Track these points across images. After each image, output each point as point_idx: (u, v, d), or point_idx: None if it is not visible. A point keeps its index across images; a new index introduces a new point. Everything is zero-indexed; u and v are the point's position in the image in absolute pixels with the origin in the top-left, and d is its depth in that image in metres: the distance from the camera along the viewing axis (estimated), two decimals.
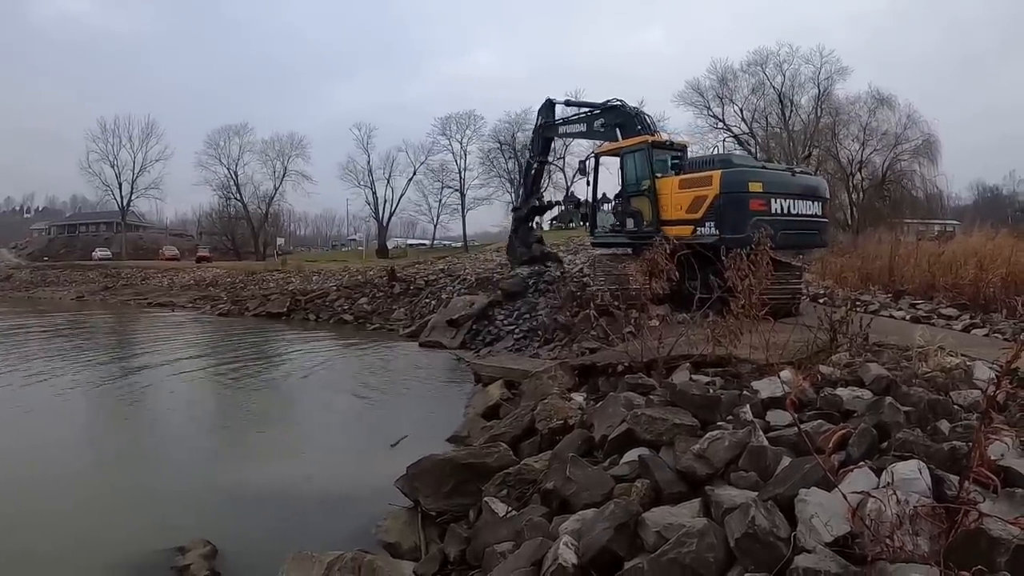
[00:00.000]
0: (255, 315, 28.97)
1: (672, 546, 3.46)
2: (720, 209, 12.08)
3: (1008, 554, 2.82)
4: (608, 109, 17.42)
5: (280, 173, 77.54)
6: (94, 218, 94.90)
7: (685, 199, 12.76)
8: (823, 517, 3.25)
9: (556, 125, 20.30)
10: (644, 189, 13.88)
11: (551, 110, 20.35)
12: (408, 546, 5.69)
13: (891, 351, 7.29)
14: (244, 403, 12.08)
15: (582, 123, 18.92)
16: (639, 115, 16.76)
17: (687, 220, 12.58)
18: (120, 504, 7.01)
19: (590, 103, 19.09)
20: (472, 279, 24.82)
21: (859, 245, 24.46)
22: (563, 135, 22.43)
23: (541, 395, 8.17)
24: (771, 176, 12.68)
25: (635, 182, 14.50)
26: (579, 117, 19.21)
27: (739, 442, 4.49)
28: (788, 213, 12.17)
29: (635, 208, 14.10)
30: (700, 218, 12.35)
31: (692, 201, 12.57)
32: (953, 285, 14.77)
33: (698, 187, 12.58)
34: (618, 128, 16.53)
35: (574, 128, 19.62)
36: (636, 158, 14.58)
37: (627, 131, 16.13)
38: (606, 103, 17.63)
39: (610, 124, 17.04)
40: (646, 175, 14.02)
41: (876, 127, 52.29)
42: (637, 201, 14.13)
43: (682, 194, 12.89)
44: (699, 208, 12.39)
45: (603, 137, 18.23)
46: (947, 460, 3.72)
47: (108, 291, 48.07)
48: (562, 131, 20.61)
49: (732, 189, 12.13)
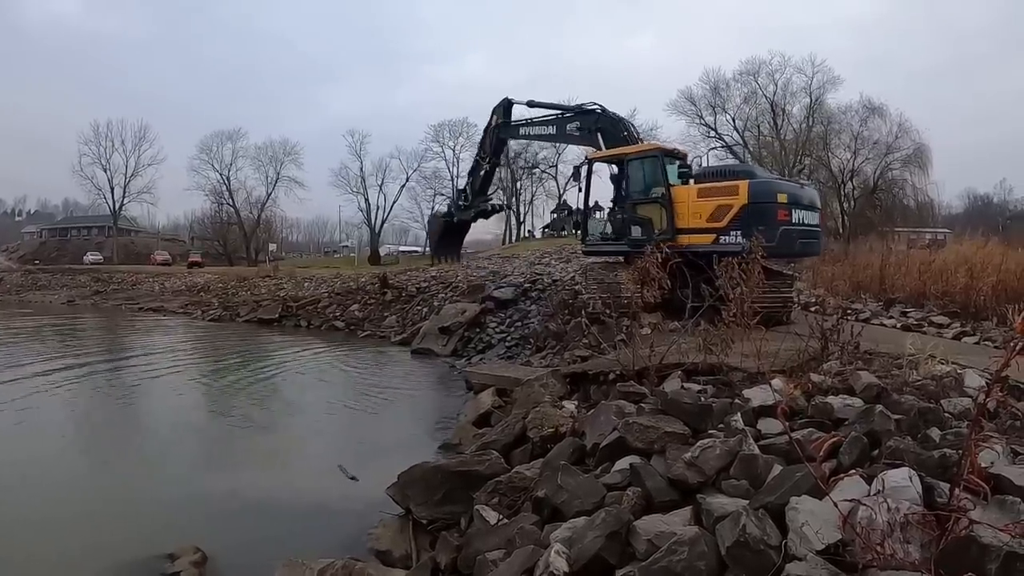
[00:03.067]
0: (246, 321, 28.87)
1: (663, 554, 3.46)
2: (748, 219, 12.17)
3: (998, 561, 2.83)
4: (584, 113, 16.88)
5: (273, 179, 77.86)
6: (86, 222, 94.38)
7: (706, 208, 12.78)
8: (814, 525, 3.25)
9: (517, 126, 19.62)
10: (657, 197, 13.62)
11: (508, 111, 19.66)
12: (399, 554, 5.68)
13: (882, 359, 7.30)
14: (234, 410, 12.01)
15: (550, 125, 18.16)
16: (622, 121, 16.53)
17: (709, 229, 12.63)
18: (109, 510, 6.97)
19: (559, 105, 18.42)
20: (464, 287, 24.76)
21: (850, 253, 24.56)
22: (524, 137, 21.54)
23: (533, 403, 8.15)
24: (789, 188, 13.04)
25: (643, 189, 14.18)
26: (548, 119, 18.34)
27: (730, 450, 4.49)
28: (802, 223, 12.53)
29: (643, 216, 13.89)
30: (724, 227, 12.44)
31: (715, 210, 12.62)
32: (944, 293, 14.86)
33: (722, 196, 12.65)
34: (600, 133, 16.16)
35: (540, 130, 18.84)
36: (646, 165, 14.23)
37: (610, 137, 15.80)
38: (580, 107, 17.14)
39: (587, 128, 16.60)
40: (658, 183, 13.74)
41: (867, 136, 52.84)
42: (645, 209, 13.87)
43: (703, 203, 12.88)
44: (723, 217, 12.48)
45: (577, 141, 18.15)
46: (937, 468, 3.72)
47: (99, 295, 47.85)
48: (524, 132, 19.92)
49: (760, 199, 12.33)
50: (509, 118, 19.73)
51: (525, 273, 26.24)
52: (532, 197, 74.34)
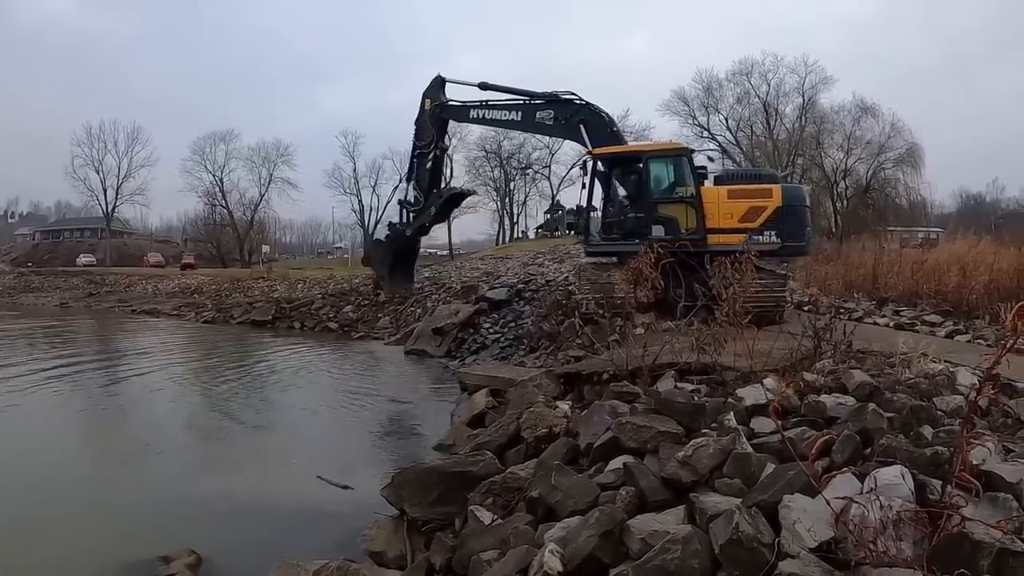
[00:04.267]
0: (240, 323, 28.82)
1: (657, 553, 3.46)
2: (782, 220, 12.95)
3: (991, 557, 2.84)
4: (561, 102, 15.76)
5: (266, 180, 77.69)
6: (79, 224, 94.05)
7: (738, 209, 13.17)
8: (807, 523, 3.26)
9: (467, 107, 17.62)
10: (684, 196, 13.62)
11: (441, 89, 17.98)
12: (394, 555, 5.67)
13: (874, 358, 7.31)
14: (228, 412, 11.97)
15: (514, 111, 16.63)
16: (608, 116, 15.94)
17: (741, 229, 12.94)
18: (102, 513, 6.92)
19: (521, 90, 16.69)
20: (458, 287, 24.76)
21: (843, 253, 24.59)
22: (477, 121, 18.41)
23: (527, 403, 8.14)
24: (806, 191, 14.41)
25: (666, 188, 14.13)
26: (511, 103, 16.71)
27: (723, 449, 4.49)
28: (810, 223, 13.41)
29: (666, 215, 13.87)
30: (758, 227, 12.95)
31: (747, 211, 13.08)
32: (936, 292, 14.90)
33: (755, 198, 13.22)
34: (583, 126, 15.40)
35: (500, 115, 17.06)
36: (670, 163, 14.20)
37: (596, 131, 15.32)
38: (554, 94, 15.89)
39: (564, 119, 15.65)
40: (686, 182, 13.77)
41: (860, 136, 53.09)
42: (669, 208, 13.81)
43: (733, 204, 13.24)
44: (756, 218, 13.01)
45: (548, 132, 17.69)
46: (930, 465, 3.73)
47: (92, 298, 47.80)
48: (476, 115, 17.65)
49: (793, 202, 13.25)
50: (444, 98, 18.16)
51: (519, 273, 26.35)
52: (525, 198, 74.37)
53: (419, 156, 18.95)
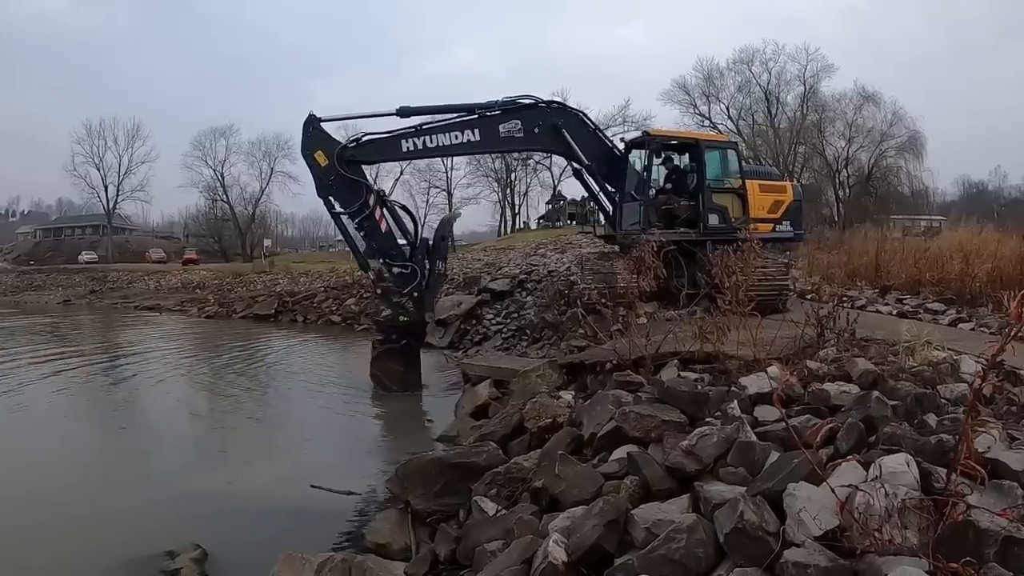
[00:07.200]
0: (243, 317, 28.88)
1: (662, 542, 3.45)
2: (794, 213, 14.72)
3: (996, 545, 2.83)
4: (527, 108, 13.15)
5: (267, 174, 77.46)
6: (80, 221, 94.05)
7: (766, 201, 14.45)
8: (811, 511, 3.25)
9: (394, 139, 12.87)
10: (734, 187, 14.21)
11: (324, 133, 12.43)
12: (398, 546, 5.65)
13: (878, 346, 7.29)
14: (232, 406, 12.01)
15: (468, 129, 12.88)
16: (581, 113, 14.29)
17: (768, 219, 14.32)
18: (106, 508, 6.93)
19: (458, 105, 13.14)
20: (460, 279, 24.74)
21: (846, 241, 24.53)
22: (413, 153, 13.41)
23: (530, 394, 8.14)
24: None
25: (719, 178, 14.35)
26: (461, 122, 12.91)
27: (727, 438, 4.47)
28: None
29: (719, 204, 14.13)
30: (779, 218, 14.55)
31: (772, 203, 14.57)
32: (939, 280, 14.85)
33: (776, 192, 14.83)
34: (565, 130, 13.24)
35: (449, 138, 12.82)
36: (723, 155, 14.74)
37: (577, 131, 13.57)
38: (512, 100, 13.10)
39: (536, 126, 13.16)
40: (735, 174, 14.40)
41: (862, 124, 52.93)
42: (720, 198, 14.19)
43: (763, 196, 14.45)
44: (778, 210, 14.59)
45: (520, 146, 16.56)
46: (934, 453, 3.72)
47: (94, 295, 47.89)
48: (410, 146, 12.85)
49: (800, 197, 15.40)
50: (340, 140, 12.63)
51: (521, 264, 26.30)
52: (527, 188, 74.17)
53: (365, 224, 12.65)
